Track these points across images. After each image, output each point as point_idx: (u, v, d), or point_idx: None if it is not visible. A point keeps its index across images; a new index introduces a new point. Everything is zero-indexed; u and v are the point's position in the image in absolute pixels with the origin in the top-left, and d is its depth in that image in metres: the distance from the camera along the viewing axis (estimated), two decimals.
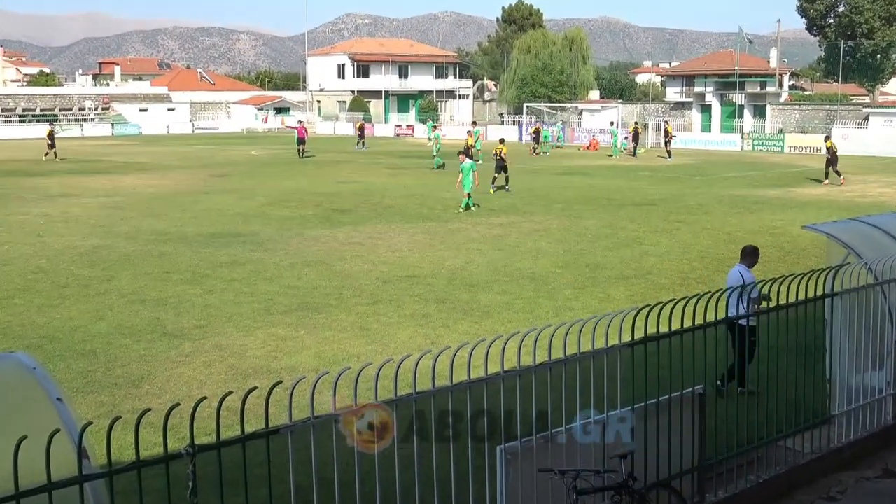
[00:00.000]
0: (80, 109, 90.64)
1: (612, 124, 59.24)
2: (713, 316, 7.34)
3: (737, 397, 8.56)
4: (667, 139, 52.65)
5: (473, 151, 36.26)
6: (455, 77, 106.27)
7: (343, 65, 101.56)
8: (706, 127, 71.68)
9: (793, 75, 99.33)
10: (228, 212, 27.43)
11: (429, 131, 55.18)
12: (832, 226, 10.23)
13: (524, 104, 76.03)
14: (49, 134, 51.21)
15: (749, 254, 10.72)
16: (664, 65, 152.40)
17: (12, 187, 34.85)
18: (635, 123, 58.45)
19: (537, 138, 56.49)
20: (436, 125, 52.96)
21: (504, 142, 36.52)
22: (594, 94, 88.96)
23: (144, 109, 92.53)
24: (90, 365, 11.84)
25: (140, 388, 10.93)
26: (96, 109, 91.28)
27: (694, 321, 7.17)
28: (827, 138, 39.41)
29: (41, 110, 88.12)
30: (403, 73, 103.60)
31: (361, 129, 62.59)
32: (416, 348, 11.63)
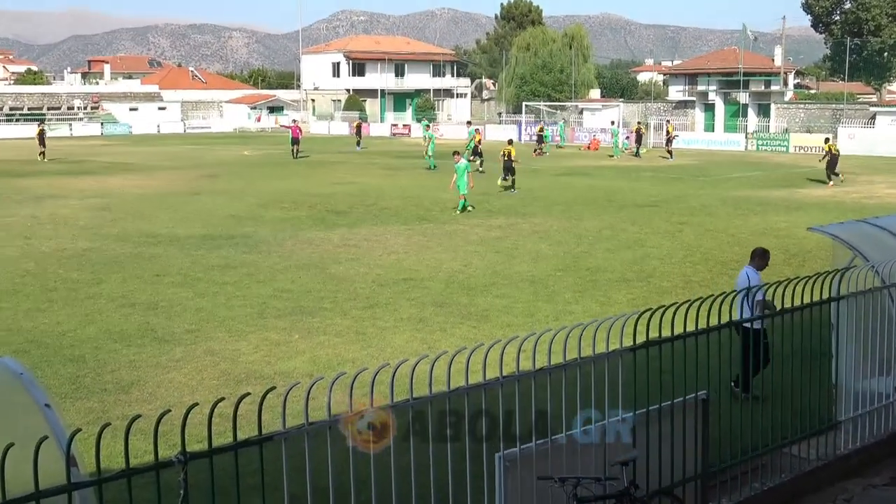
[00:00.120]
0: (69, 109, 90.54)
1: (613, 124, 59.26)
2: (717, 320, 7.34)
3: (741, 403, 8.56)
4: (668, 139, 52.68)
5: (466, 153, 36.36)
6: (452, 75, 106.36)
7: (338, 63, 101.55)
8: (709, 126, 71.77)
9: (798, 74, 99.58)
10: (220, 213, 27.42)
11: (423, 131, 55.20)
12: (838, 227, 10.23)
13: (523, 103, 76.05)
14: (39, 133, 51.16)
15: (758, 256, 10.71)
16: (666, 63, 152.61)
17: None
18: (638, 123, 58.47)
19: (541, 138, 56.60)
20: (429, 125, 52.89)
21: (512, 143, 37.64)
22: (595, 93, 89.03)
23: (134, 109, 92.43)
24: (79, 370, 11.83)
25: (130, 394, 10.92)
26: (85, 109, 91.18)
27: (697, 325, 7.17)
28: (827, 140, 39.45)
29: (29, 109, 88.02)
30: (400, 72, 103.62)
31: (359, 130, 62.56)
32: (413, 353, 11.63)
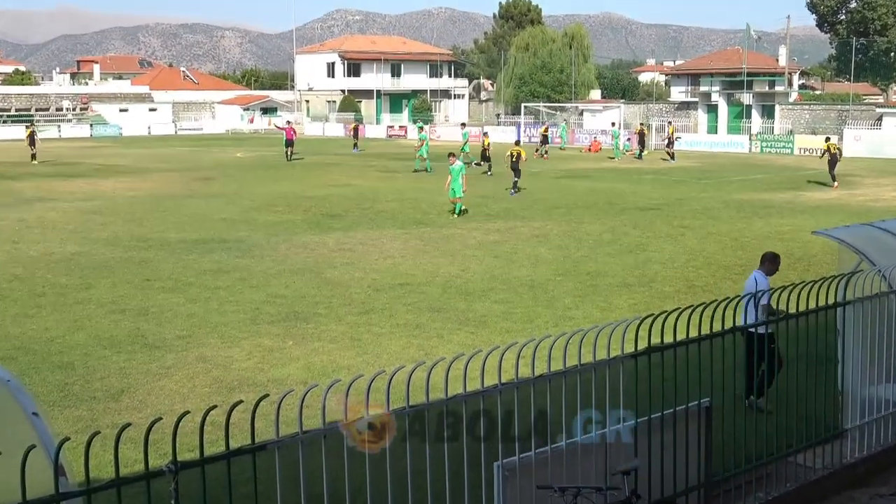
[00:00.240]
0: (58, 110, 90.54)
1: (614, 125, 59.32)
2: (720, 325, 7.34)
3: (745, 410, 8.57)
4: (669, 141, 52.73)
5: (462, 155, 36.42)
6: (450, 76, 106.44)
7: (333, 63, 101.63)
8: (712, 128, 71.89)
9: (803, 74, 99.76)
10: (213, 217, 27.42)
11: (417, 132, 55.27)
12: (844, 231, 10.24)
13: (522, 104, 76.14)
14: (30, 135, 51.05)
15: (768, 260, 10.65)
16: (668, 63, 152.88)
17: None
18: (641, 124, 58.50)
19: (546, 140, 56.66)
20: (422, 126, 52.91)
21: (520, 143, 37.57)
22: (595, 94, 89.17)
23: (125, 110, 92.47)
24: (67, 377, 11.82)
25: (120, 402, 10.91)
26: (74, 110, 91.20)
27: (700, 331, 7.18)
28: (827, 139, 39.70)
29: (17, 110, 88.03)
30: (396, 72, 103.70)
31: (356, 131, 62.24)
32: (410, 360, 11.63)
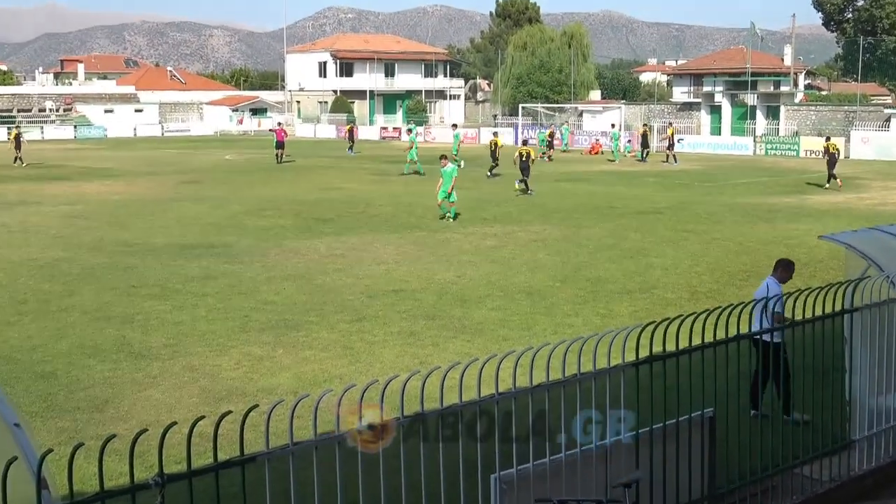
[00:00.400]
0: (41, 110, 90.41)
1: (614, 127, 59.36)
2: (724, 333, 7.34)
3: (749, 421, 8.57)
4: (670, 143, 52.79)
5: (450, 155, 36.47)
6: (445, 76, 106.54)
7: (325, 63, 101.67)
8: (715, 129, 71.96)
9: (808, 74, 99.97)
10: (200, 221, 27.40)
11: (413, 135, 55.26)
12: (851, 236, 10.24)
13: (520, 105, 76.15)
14: (15, 137, 50.94)
15: (782, 267, 10.61)
16: (670, 63, 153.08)
17: None
18: (644, 126, 58.53)
19: (551, 142, 56.74)
20: (411, 128, 52.88)
21: (528, 143, 38.30)
22: (595, 95, 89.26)
23: (110, 111, 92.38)
24: (50, 387, 11.80)
25: (104, 413, 10.89)
26: (58, 110, 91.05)
27: (703, 339, 7.18)
28: (828, 139, 40.11)
29: None
30: (390, 72, 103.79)
31: (351, 133, 61.91)
32: (404, 369, 11.63)
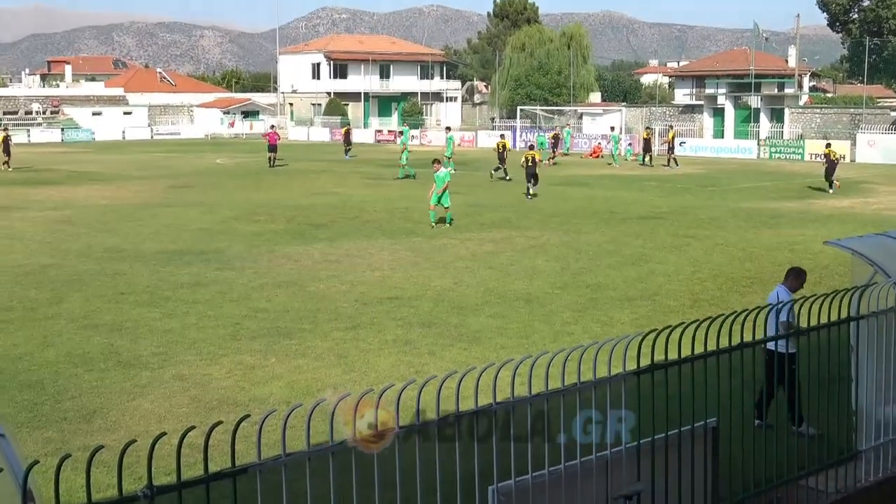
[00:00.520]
0: (27, 113, 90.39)
1: (613, 129, 59.44)
2: (727, 341, 7.34)
3: (753, 431, 8.57)
4: (670, 146, 52.87)
5: (446, 160, 36.62)
6: (442, 78, 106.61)
7: (318, 64, 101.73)
8: (718, 132, 72.11)
9: (813, 76, 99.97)
10: (191, 227, 27.40)
11: (405, 137, 55.38)
12: (857, 241, 10.24)
13: (518, 107, 76.24)
14: (3, 141, 50.86)
15: (793, 275, 10.60)
16: (672, 64, 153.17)
17: None
18: (647, 129, 58.57)
19: (556, 144, 56.82)
20: (402, 131, 52.98)
21: (534, 148, 39.04)
22: (595, 97, 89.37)
23: (98, 113, 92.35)
24: (37, 397, 11.78)
25: (92, 423, 10.88)
26: (44, 113, 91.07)
27: (706, 347, 7.17)
28: (828, 145, 40.64)
29: None
30: (385, 74, 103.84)
31: (347, 136, 61.75)
32: (399, 378, 11.62)
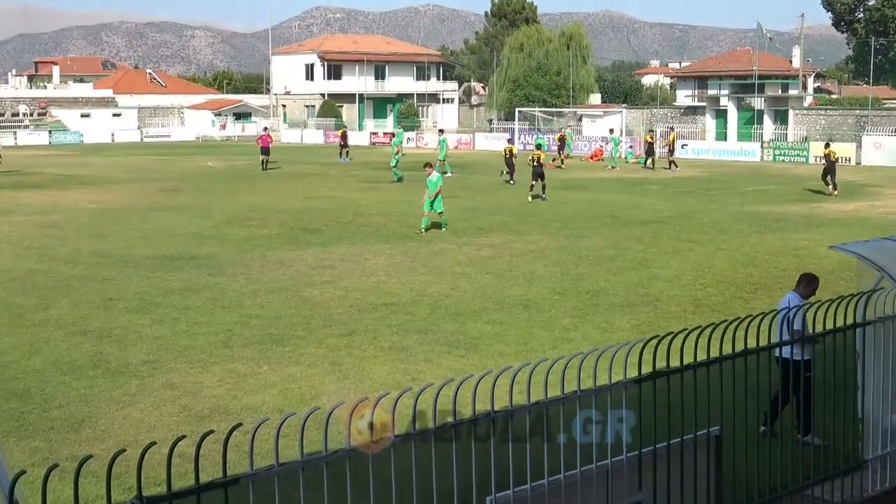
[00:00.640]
0: (14, 115, 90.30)
1: (612, 132, 59.45)
2: (730, 348, 7.35)
3: (757, 440, 8.57)
4: (670, 148, 52.89)
5: (438, 164, 36.65)
6: (438, 79, 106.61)
7: (312, 65, 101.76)
8: (721, 134, 72.13)
9: (818, 76, 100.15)
10: (181, 231, 27.38)
11: (399, 138, 55.28)
12: (863, 246, 10.25)
13: (516, 109, 76.26)
14: None
15: (804, 282, 10.51)
16: (674, 65, 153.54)
17: None
18: (650, 131, 58.57)
19: (562, 146, 56.78)
20: (394, 133, 52.93)
21: (541, 147, 39.22)
22: (595, 98, 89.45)
23: (86, 115, 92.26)
24: (23, 405, 11.77)
25: (80, 433, 10.86)
26: (31, 115, 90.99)
27: (709, 354, 7.18)
28: (827, 145, 40.89)
29: None
30: (380, 74, 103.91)
31: (344, 138, 61.80)
32: (395, 385, 11.62)
